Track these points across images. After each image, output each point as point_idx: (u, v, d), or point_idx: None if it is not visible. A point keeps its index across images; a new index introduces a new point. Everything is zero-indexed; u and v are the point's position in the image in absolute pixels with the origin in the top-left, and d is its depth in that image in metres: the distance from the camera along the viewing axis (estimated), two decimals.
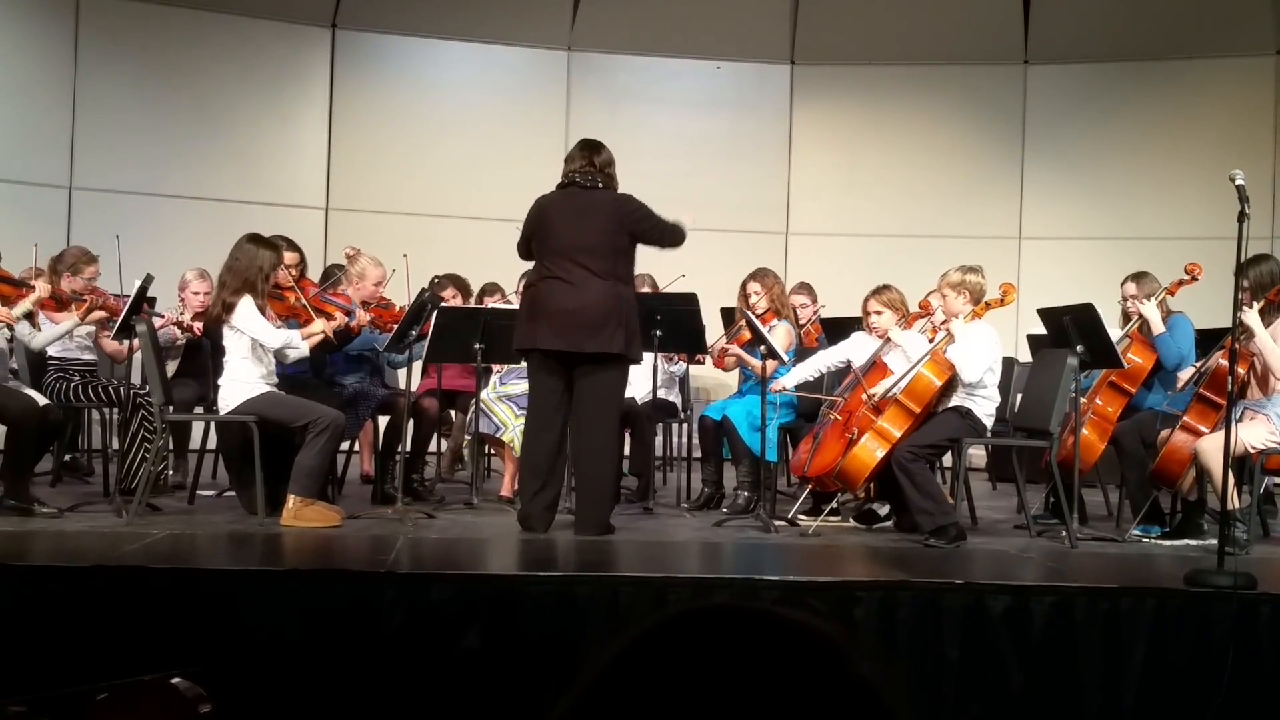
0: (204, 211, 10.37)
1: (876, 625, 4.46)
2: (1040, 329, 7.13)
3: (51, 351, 7.07)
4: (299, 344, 6.25)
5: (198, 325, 7.16)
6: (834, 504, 6.66)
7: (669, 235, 6.02)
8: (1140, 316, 6.78)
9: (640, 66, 11.76)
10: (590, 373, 5.80)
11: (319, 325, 6.42)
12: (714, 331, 7.94)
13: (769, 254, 10.61)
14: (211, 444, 7.49)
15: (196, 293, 7.40)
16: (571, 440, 6.02)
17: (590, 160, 5.97)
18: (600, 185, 5.93)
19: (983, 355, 6.14)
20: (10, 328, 6.37)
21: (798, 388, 6.91)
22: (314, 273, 8.16)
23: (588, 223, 5.83)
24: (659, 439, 8.00)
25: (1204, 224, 9.90)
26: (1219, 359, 6.07)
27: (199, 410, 7.16)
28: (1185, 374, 6.44)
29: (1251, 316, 5.83)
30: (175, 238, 9.86)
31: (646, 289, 8.46)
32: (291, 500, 5.85)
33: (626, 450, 7.95)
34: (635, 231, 5.91)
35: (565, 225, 5.84)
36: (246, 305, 6.01)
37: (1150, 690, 4.44)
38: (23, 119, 10.18)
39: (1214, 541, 5.20)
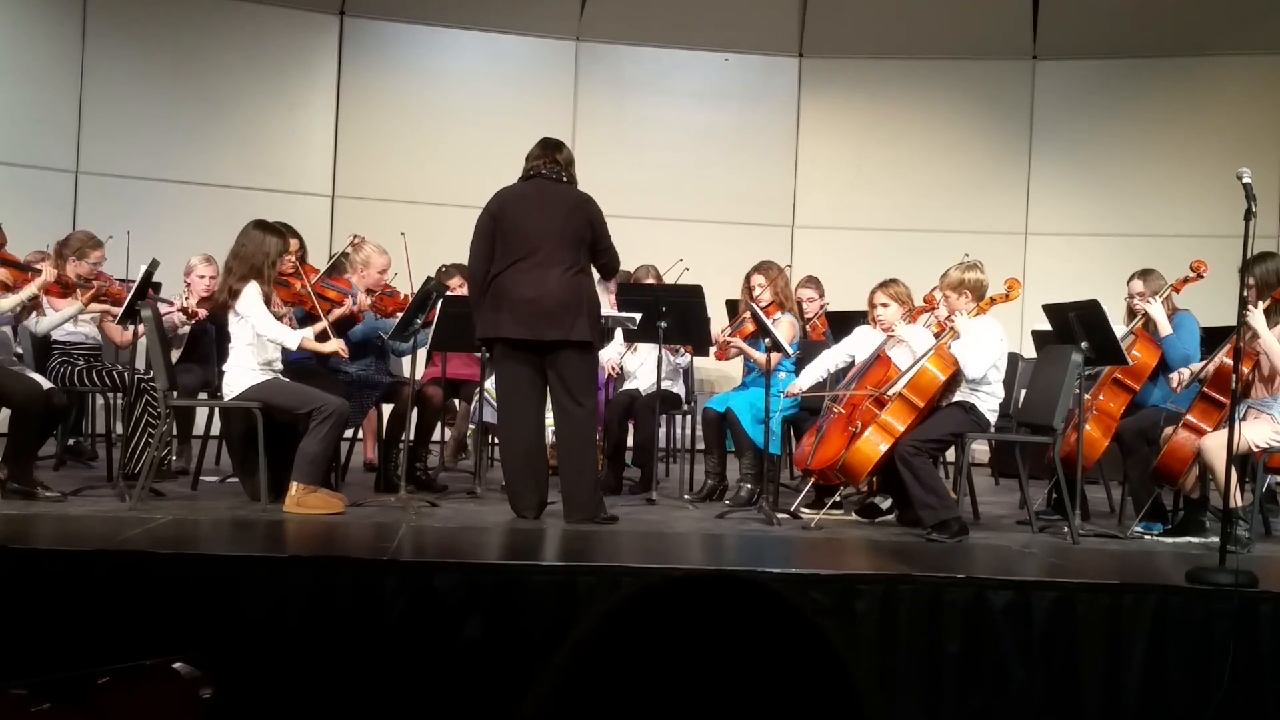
0: (210, 197, 10.37)
1: (878, 619, 4.46)
2: (1045, 325, 7.12)
3: (56, 336, 7.09)
4: (291, 346, 6.21)
5: (202, 311, 7.17)
6: (836, 497, 6.66)
7: (613, 255, 6.10)
8: (1146, 314, 6.78)
9: (648, 57, 11.75)
10: (560, 362, 5.85)
11: (331, 346, 6.38)
12: (719, 324, 7.94)
13: (775, 247, 10.58)
14: (215, 430, 7.50)
15: (202, 276, 7.40)
16: (556, 430, 6.07)
17: (553, 157, 6.03)
18: (565, 180, 5.99)
19: (987, 352, 6.13)
20: (16, 308, 6.37)
21: (809, 389, 6.90)
22: (320, 260, 8.16)
23: (553, 212, 5.89)
24: (662, 430, 8.00)
25: (1211, 222, 9.89)
26: (1222, 358, 6.07)
27: (203, 396, 7.17)
28: (1185, 374, 6.43)
29: (1256, 318, 5.82)
30: (181, 223, 9.87)
31: (650, 280, 8.48)
32: (294, 487, 5.86)
33: (630, 441, 7.96)
34: (595, 232, 5.96)
35: (530, 213, 5.89)
36: (251, 292, 6.02)
37: (1151, 687, 4.44)
38: (30, 103, 10.18)
39: (1216, 539, 5.20)
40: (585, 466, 5.95)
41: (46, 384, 6.35)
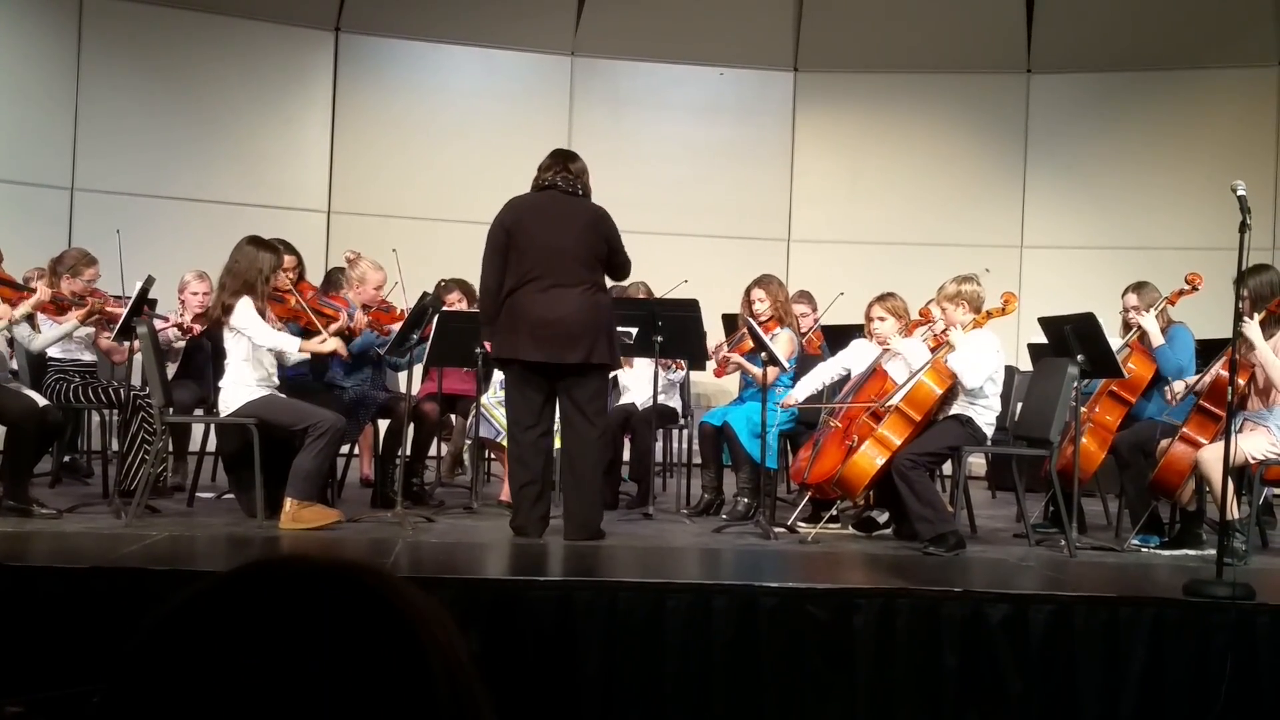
0: (205, 214, 10.36)
1: (875, 633, 4.46)
2: (1041, 338, 7.13)
3: (52, 353, 7.08)
4: (292, 352, 6.24)
5: (197, 326, 7.16)
6: (833, 511, 6.66)
7: (625, 260, 6.03)
8: (1140, 326, 6.78)
9: (643, 72, 11.78)
10: (575, 383, 5.79)
11: (330, 345, 6.39)
12: (714, 338, 7.94)
13: (770, 260, 10.61)
14: (211, 446, 7.49)
15: (196, 293, 7.39)
16: (563, 446, 6.03)
17: (566, 168, 5.93)
18: (580, 193, 5.92)
19: (984, 363, 6.13)
20: (10, 327, 6.37)
21: (805, 401, 6.90)
22: (315, 277, 8.16)
23: (569, 229, 5.80)
24: (659, 444, 8.00)
25: (1205, 234, 9.92)
26: (1218, 370, 6.07)
27: (199, 412, 7.16)
28: (1178, 385, 6.44)
29: (1252, 329, 5.82)
30: (177, 240, 9.86)
31: (641, 295, 8.46)
32: (289, 503, 5.83)
33: (626, 455, 7.96)
34: (611, 247, 5.90)
35: (546, 229, 5.79)
36: (244, 306, 6.01)
37: (1148, 700, 4.44)
38: (25, 120, 10.19)
39: (1213, 552, 5.20)
40: (592, 486, 5.91)
41: (42, 401, 6.34)
